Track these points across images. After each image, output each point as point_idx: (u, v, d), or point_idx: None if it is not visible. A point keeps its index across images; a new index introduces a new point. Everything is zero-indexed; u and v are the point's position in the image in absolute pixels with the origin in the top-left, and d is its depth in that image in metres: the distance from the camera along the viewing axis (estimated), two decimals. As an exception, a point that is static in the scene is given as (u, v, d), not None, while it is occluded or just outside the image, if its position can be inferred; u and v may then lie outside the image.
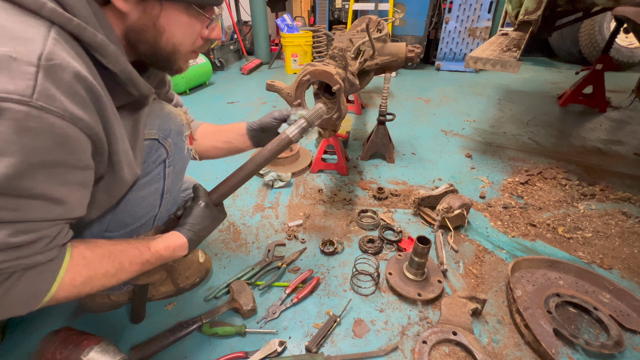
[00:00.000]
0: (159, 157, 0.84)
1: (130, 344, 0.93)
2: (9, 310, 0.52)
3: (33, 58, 0.42)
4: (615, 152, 2.10)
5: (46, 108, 0.43)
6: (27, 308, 0.54)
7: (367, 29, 1.28)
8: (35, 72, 0.42)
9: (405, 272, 1.11)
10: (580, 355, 0.91)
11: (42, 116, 0.43)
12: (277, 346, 0.90)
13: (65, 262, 0.57)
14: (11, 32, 0.43)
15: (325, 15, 4.40)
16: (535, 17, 1.93)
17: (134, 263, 0.69)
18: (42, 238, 0.52)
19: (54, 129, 0.45)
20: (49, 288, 0.55)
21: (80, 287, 0.60)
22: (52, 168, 0.48)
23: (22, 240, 0.48)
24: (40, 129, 0.44)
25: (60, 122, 0.45)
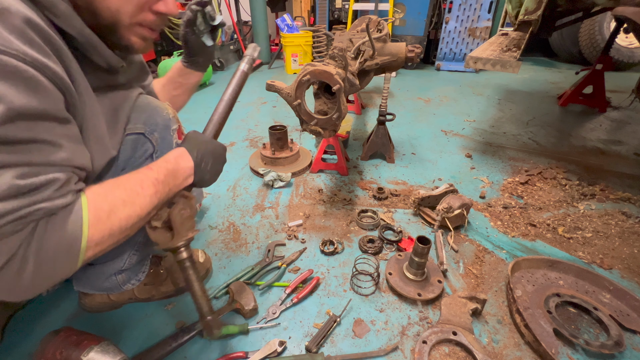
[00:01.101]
0: (146, 151, 0.82)
1: (129, 344, 0.93)
2: (55, 265, 0.48)
3: None
4: (615, 152, 2.10)
5: (6, 51, 0.41)
6: (72, 259, 0.50)
7: (367, 29, 1.28)
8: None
9: (405, 272, 1.11)
10: (580, 355, 0.91)
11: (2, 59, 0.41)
12: (277, 346, 0.90)
13: (83, 202, 0.53)
14: None
15: (325, 15, 4.40)
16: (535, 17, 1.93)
17: (145, 185, 0.63)
18: (52, 181, 0.48)
19: (19, 72, 0.42)
20: (80, 231, 0.51)
21: (109, 223, 0.55)
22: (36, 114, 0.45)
23: (31, 182, 0.45)
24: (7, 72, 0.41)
25: (23, 65, 0.43)
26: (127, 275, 0.94)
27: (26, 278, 0.46)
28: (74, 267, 0.51)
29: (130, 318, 1.01)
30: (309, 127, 1.27)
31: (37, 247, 0.46)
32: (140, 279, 0.98)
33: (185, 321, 1.00)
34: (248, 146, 2.15)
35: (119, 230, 0.57)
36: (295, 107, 1.23)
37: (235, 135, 2.31)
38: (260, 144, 2.16)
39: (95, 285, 0.92)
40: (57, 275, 0.49)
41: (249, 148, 2.12)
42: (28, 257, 0.45)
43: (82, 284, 0.92)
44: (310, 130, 1.28)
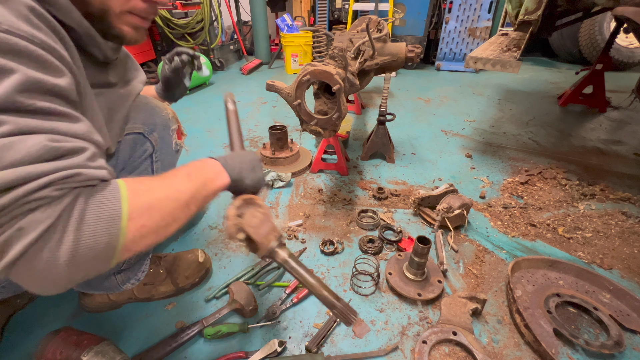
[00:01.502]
0: (145, 151, 0.81)
1: (129, 344, 0.93)
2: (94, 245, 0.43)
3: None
4: (615, 152, 2.10)
5: (9, 31, 0.40)
6: (111, 236, 0.45)
7: (367, 29, 1.28)
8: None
9: (405, 272, 1.11)
10: (580, 355, 0.91)
11: (10, 38, 0.40)
12: (277, 346, 0.90)
13: (120, 183, 0.49)
14: None
15: (325, 15, 4.40)
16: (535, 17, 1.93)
17: (180, 174, 0.61)
18: (83, 149, 0.46)
19: (29, 51, 0.42)
20: (119, 207, 0.46)
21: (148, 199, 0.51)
22: (49, 89, 0.44)
23: (64, 146, 0.43)
24: (12, 49, 0.41)
25: (32, 46, 0.42)
26: (127, 274, 0.94)
27: (63, 256, 0.40)
28: (111, 250, 0.45)
29: (130, 318, 1.01)
30: (309, 127, 1.27)
31: (78, 219, 0.42)
32: (139, 278, 0.98)
33: (185, 321, 1.00)
34: (248, 146, 2.15)
35: (159, 212, 0.52)
36: (295, 107, 1.23)
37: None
38: (260, 144, 2.16)
39: (95, 285, 0.92)
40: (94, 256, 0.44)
41: (249, 148, 2.12)
42: (68, 229, 0.41)
43: (82, 283, 0.92)
44: (310, 130, 1.28)
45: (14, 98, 0.39)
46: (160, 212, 0.52)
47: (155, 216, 0.52)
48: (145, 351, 0.89)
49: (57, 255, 0.40)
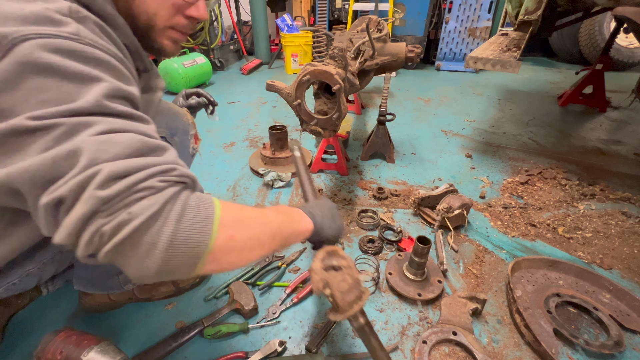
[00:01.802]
0: None
1: (129, 344, 0.93)
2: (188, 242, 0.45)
3: (65, 11, 0.47)
4: (615, 152, 2.10)
5: (91, 44, 0.47)
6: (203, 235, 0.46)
7: (367, 29, 1.28)
8: (71, 21, 0.47)
9: (405, 272, 1.11)
10: (580, 355, 0.91)
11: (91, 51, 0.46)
12: (277, 346, 0.90)
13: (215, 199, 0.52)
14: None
15: (325, 15, 4.40)
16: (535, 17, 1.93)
17: (270, 209, 0.64)
18: (167, 146, 0.50)
19: (107, 60, 0.48)
20: (213, 210, 0.49)
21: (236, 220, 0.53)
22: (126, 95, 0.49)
23: (152, 142, 0.47)
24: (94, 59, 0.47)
25: (103, 55, 0.48)
26: None
27: (162, 242, 0.43)
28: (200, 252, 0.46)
29: (130, 318, 1.01)
30: (309, 127, 1.27)
31: (179, 212, 0.45)
32: (140, 279, 0.98)
33: (185, 321, 1.00)
34: (248, 146, 2.15)
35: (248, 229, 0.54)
36: (295, 107, 1.23)
37: (235, 135, 2.31)
38: (260, 144, 2.16)
39: (97, 285, 0.92)
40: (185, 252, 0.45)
41: (249, 148, 2.12)
42: (169, 219, 0.43)
43: (83, 283, 0.92)
44: (310, 130, 1.28)
45: (102, 102, 0.44)
46: (249, 230, 0.54)
47: (244, 232, 0.53)
48: (145, 351, 0.89)
49: (157, 241, 0.42)
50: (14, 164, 0.41)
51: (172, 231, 0.43)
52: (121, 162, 0.42)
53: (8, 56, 0.41)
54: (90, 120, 0.43)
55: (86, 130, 0.42)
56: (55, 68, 0.43)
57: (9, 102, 0.41)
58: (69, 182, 0.40)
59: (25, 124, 0.40)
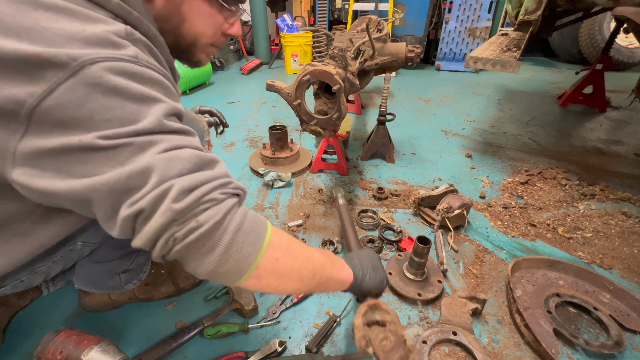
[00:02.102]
0: None
1: (129, 344, 0.93)
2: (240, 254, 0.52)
3: (122, 34, 0.51)
4: (615, 152, 2.10)
5: (147, 66, 0.52)
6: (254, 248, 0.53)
7: (367, 29, 1.28)
8: (129, 43, 0.51)
9: (405, 272, 1.11)
10: (580, 355, 0.91)
11: (148, 72, 0.51)
12: (277, 346, 0.90)
13: (268, 222, 0.59)
14: (96, 17, 0.50)
15: (325, 15, 4.40)
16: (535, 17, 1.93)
17: (315, 249, 0.67)
18: (219, 160, 0.56)
19: (157, 80, 0.53)
20: (265, 229, 0.56)
21: (285, 239, 0.59)
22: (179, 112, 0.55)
23: (207, 156, 0.53)
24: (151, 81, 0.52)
25: (159, 76, 0.53)
26: (130, 275, 0.94)
27: (219, 248, 0.50)
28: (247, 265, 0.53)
29: (130, 318, 1.01)
30: (309, 127, 1.27)
31: (238, 223, 0.52)
32: (141, 278, 0.98)
33: (185, 321, 1.00)
34: (248, 146, 2.15)
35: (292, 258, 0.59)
36: (295, 107, 1.23)
37: (235, 135, 2.31)
38: (260, 144, 2.16)
39: (98, 284, 0.92)
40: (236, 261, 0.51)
41: (249, 148, 2.12)
42: (229, 228, 0.51)
43: (84, 281, 0.92)
44: (310, 130, 1.28)
45: (162, 121, 0.50)
46: (293, 258, 0.59)
47: (289, 259, 0.58)
48: (145, 351, 0.89)
49: (216, 246, 0.50)
50: (88, 177, 0.46)
51: (229, 239, 0.50)
52: (189, 177, 0.49)
53: (76, 76, 0.44)
54: (154, 139, 0.48)
55: (152, 148, 0.48)
56: (120, 90, 0.47)
57: (73, 118, 0.45)
58: (147, 197, 0.46)
59: (97, 143, 0.45)
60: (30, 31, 0.45)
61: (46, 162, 0.46)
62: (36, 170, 0.46)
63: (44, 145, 0.45)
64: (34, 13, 0.46)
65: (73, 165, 0.46)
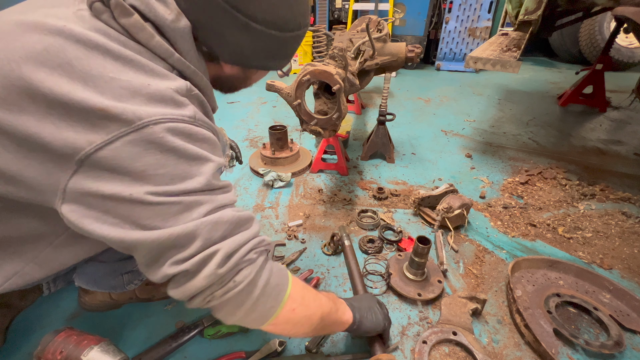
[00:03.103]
0: None
1: (129, 344, 0.93)
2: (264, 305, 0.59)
3: (183, 91, 0.54)
4: (615, 152, 2.10)
5: (202, 125, 0.56)
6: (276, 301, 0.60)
7: (367, 29, 1.28)
8: (188, 101, 0.55)
9: (405, 272, 1.11)
10: (580, 355, 0.91)
11: (202, 132, 0.55)
12: (277, 346, 0.90)
13: (289, 274, 0.66)
14: (159, 72, 0.53)
15: (325, 15, 4.40)
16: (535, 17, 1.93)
17: (323, 295, 0.74)
18: (252, 217, 0.61)
19: (209, 139, 0.57)
20: (287, 283, 0.63)
21: (302, 293, 0.66)
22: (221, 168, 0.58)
23: (243, 215, 0.58)
24: (204, 140, 0.55)
25: (209, 134, 0.57)
26: (133, 275, 0.94)
27: (248, 302, 0.56)
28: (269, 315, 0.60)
29: (130, 318, 1.01)
30: (309, 127, 1.27)
31: (265, 280, 0.58)
32: (142, 279, 0.98)
33: (185, 321, 1.00)
34: (248, 146, 2.15)
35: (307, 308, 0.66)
36: (295, 107, 1.23)
37: (235, 135, 2.31)
38: (260, 144, 2.16)
39: (101, 283, 0.92)
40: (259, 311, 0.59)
41: (249, 148, 2.12)
42: (258, 285, 0.57)
43: (87, 280, 0.91)
44: (310, 130, 1.28)
45: (210, 181, 0.54)
46: (307, 308, 0.66)
47: (303, 309, 0.65)
48: (145, 351, 0.89)
49: (245, 301, 0.56)
50: (137, 230, 0.50)
51: (258, 294, 0.57)
52: (230, 242, 0.54)
53: (137, 133, 0.47)
54: (201, 199, 0.52)
55: (198, 208, 0.52)
56: (177, 149, 0.50)
57: (127, 169, 0.48)
58: (193, 260, 0.51)
59: (146, 198, 0.48)
60: (98, 80, 0.47)
61: (94, 203, 0.49)
62: (83, 208, 0.49)
63: (93, 188, 0.47)
64: (102, 60, 0.48)
65: (121, 213, 0.49)
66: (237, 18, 0.58)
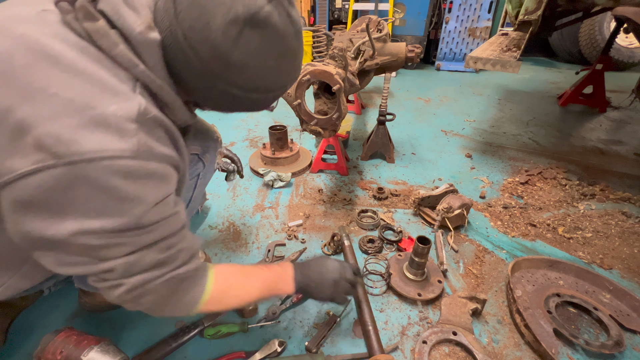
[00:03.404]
0: (196, 170, 0.90)
1: (129, 344, 0.93)
2: (174, 312, 0.64)
3: (133, 114, 0.49)
4: (615, 152, 2.10)
5: (147, 158, 0.51)
6: (187, 311, 0.66)
7: (367, 29, 1.28)
8: (136, 129, 0.49)
9: (405, 272, 1.11)
10: (580, 355, 0.91)
11: (146, 166, 0.51)
12: (277, 346, 0.90)
13: (210, 279, 0.67)
14: (112, 87, 0.48)
15: (325, 15, 4.40)
16: (535, 17, 1.93)
17: (259, 280, 0.76)
18: (182, 250, 0.61)
19: (154, 172, 0.53)
20: (201, 294, 0.65)
21: (221, 300, 0.71)
22: (162, 197, 0.55)
23: (168, 255, 0.58)
24: (146, 175, 0.51)
25: (156, 165, 0.53)
26: None
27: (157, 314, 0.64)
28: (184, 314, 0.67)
29: (130, 318, 1.01)
30: (309, 127, 1.27)
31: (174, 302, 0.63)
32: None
33: (185, 321, 1.00)
34: (248, 146, 2.15)
35: (226, 306, 0.74)
36: (295, 107, 1.23)
37: (235, 135, 2.31)
38: (260, 144, 2.16)
39: None
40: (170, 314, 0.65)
41: (249, 148, 2.12)
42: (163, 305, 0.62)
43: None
44: (310, 130, 1.28)
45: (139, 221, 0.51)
46: (226, 305, 0.73)
47: (221, 306, 0.72)
48: (145, 351, 0.89)
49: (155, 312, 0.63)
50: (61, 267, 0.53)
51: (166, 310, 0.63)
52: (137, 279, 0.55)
53: (68, 167, 0.44)
54: (122, 241, 0.52)
55: (118, 249, 0.52)
56: (108, 188, 0.47)
57: (52, 200, 0.46)
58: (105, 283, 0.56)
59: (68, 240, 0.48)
60: (39, 94, 0.43)
61: None
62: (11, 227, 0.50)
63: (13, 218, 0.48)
64: (48, 72, 0.44)
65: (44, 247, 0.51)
66: (216, 85, 0.56)
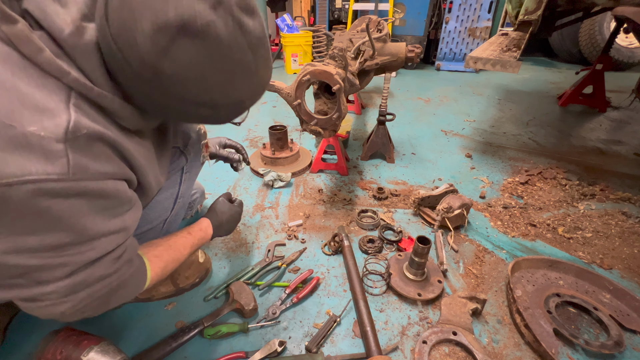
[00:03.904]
0: (179, 164, 0.90)
1: (129, 344, 0.93)
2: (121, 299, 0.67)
3: (60, 134, 0.44)
4: (615, 152, 2.10)
5: (81, 178, 0.48)
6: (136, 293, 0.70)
7: (367, 29, 1.28)
8: (65, 149, 0.45)
9: (405, 272, 1.11)
10: (580, 355, 0.91)
11: (79, 185, 0.48)
12: (277, 346, 0.90)
13: (147, 266, 0.71)
14: (36, 102, 0.44)
15: (325, 15, 4.40)
16: (535, 17, 1.93)
17: (186, 247, 0.85)
18: (129, 260, 0.64)
19: (91, 190, 0.50)
20: (144, 284, 0.71)
21: (161, 275, 0.77)
22: (103, 212, 0.54)
23: (116, 267, 0.61)
24: (80, 194, 0.49)
25: (93, 183, 0.50)
26: None
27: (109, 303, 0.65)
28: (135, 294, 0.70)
29: (130, 318, 1.01)
30: (309, 127, 1.27)
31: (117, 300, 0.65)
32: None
33: (185, 321, 1.00)
34: (248, 146, 2.15)
35: (168, 270, 0.79)
36: (295, 107, 1.23)
37: (235, 135, 2.31)
38: (260, 144, 2.16)
39: None
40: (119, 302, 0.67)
41: (249, 148, 2.12)
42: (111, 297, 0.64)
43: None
44: (310, 130, 1.28)
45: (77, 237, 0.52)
46: (169, 269, 0.79)
47: (165, 273, 0.78)
48: (145, 351, 0.89)
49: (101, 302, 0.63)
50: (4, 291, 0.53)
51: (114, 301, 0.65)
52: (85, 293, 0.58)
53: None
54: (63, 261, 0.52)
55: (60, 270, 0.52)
56: (38, 209, 0.46)
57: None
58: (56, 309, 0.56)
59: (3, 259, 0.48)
60: None
61: None
62: None
63: None
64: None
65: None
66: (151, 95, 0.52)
